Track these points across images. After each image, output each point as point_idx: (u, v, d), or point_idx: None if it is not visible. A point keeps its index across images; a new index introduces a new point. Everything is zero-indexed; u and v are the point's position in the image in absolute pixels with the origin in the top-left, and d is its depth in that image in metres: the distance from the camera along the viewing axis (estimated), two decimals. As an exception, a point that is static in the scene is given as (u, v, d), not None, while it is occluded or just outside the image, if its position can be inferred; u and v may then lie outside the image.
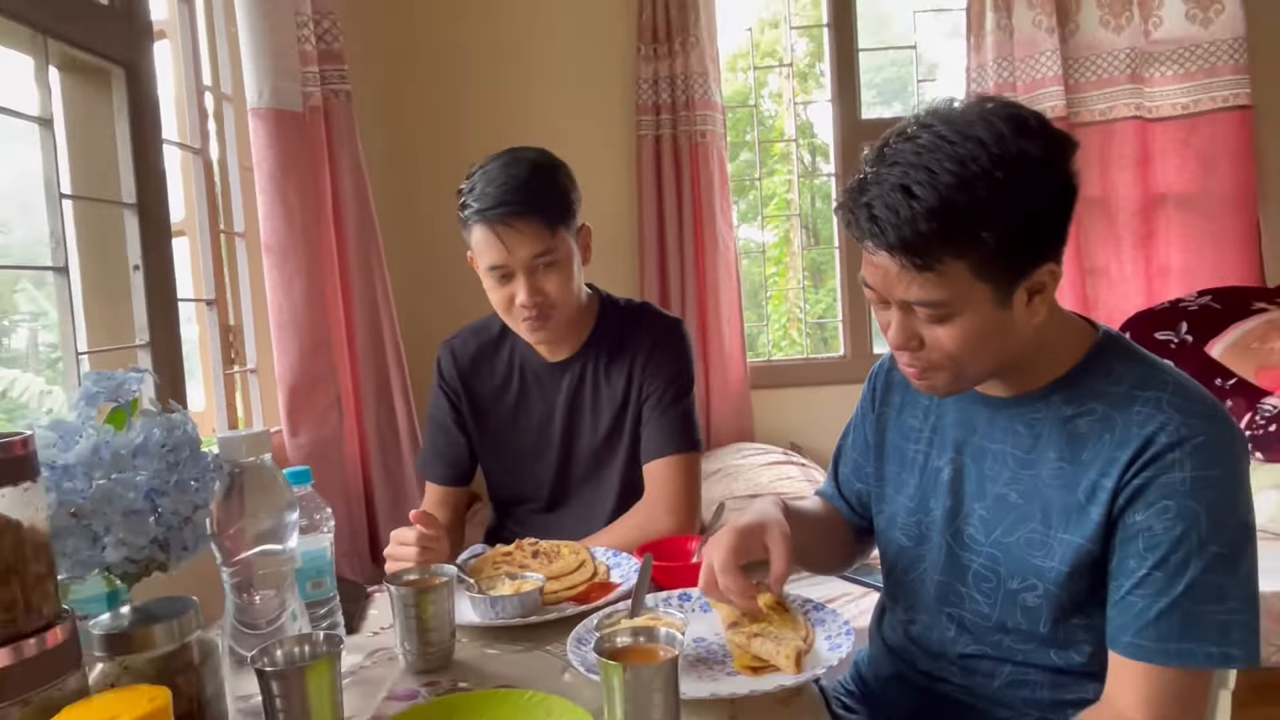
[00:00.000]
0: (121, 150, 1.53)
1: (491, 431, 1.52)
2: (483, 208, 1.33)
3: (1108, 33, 2.88)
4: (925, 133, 0.83)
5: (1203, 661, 0.83)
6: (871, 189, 0.84)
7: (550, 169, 1.39)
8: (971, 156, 0.80)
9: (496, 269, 1.36)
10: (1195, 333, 2.38)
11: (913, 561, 1.05)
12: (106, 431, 0.88)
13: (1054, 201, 0.84)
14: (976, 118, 0.82)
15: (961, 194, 0.79)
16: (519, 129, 2.94)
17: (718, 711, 0.86)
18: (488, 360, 1.51)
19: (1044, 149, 0.82)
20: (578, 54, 2.95)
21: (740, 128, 3.22)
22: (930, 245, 0.81)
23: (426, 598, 0.98)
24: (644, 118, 2.87)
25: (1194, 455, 0.84)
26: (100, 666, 0.78)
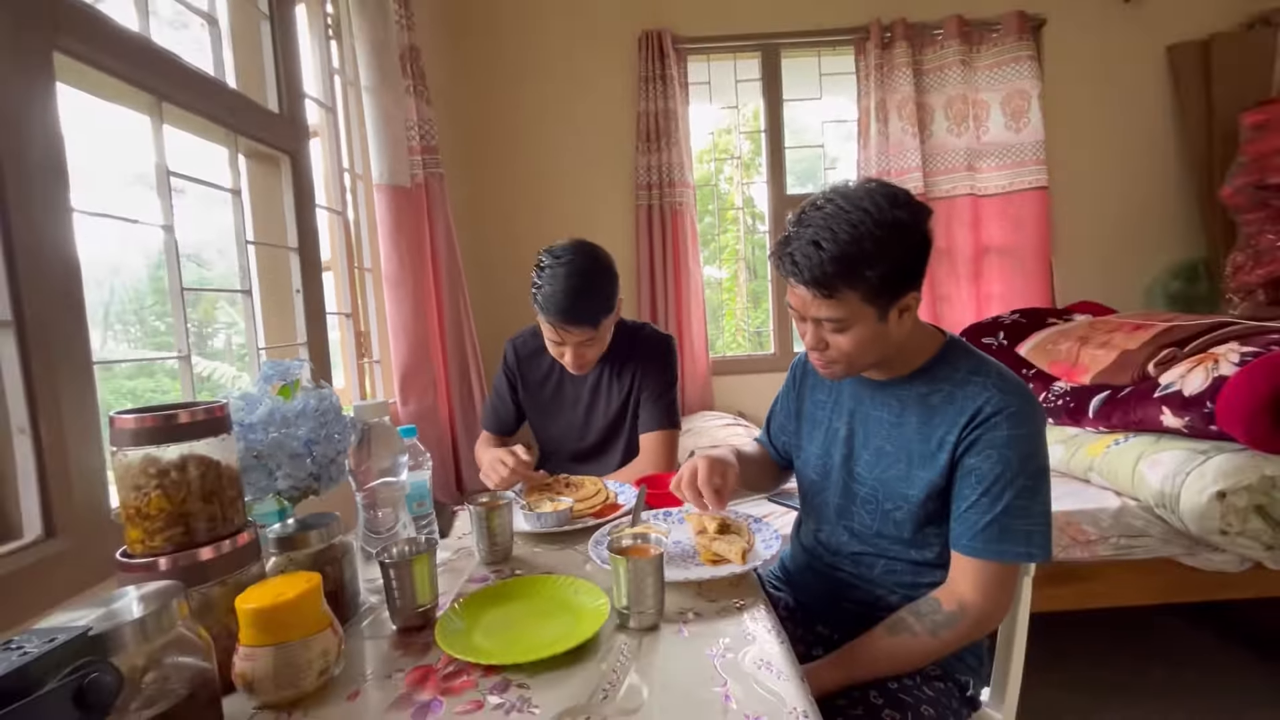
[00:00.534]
0: (287, 212, 1.52)
1: (539, 407, 1.51)
2: (547, 311, 1.24)
3: (952, 137, 2.87)
4: (829, 204, 0.83)
5: (1013, 558, 0.84)
6: (794, 242, 0.84)
7: (599, 282, 1.26)
8: (860, 221, 0.80)
9: (553, 341, 1.32)
10: (1009, 338, 2.38)
11: (820, 490, 1.05)
12: (278, 401, 0.87)
13: (916, 250, 0.83)
14: (864, 194, 0.82)
15: (854, 247, 0.80)
16: (557, 201, 2.94)
17: (690, 590, 0.86)
18: (538, 357, 1.49)
19: (910, 215, 0.82)
20: (597, 149, 2.94)
21: (705, 201, 3.20)
22: (832, 281, 0.81)
23: (494, 513, 0.98)
24: (640, 192, 2.86)
25: (1009, 419, 0.84)
26: (273, 559, 0.80)
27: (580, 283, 1.24)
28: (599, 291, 1.27)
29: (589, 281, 1.25)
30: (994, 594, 0.85)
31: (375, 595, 0.89)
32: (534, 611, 0.81)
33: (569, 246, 1.29)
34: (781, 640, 0.73)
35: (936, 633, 0.86)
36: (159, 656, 0.55)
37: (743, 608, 0.81)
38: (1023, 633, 0.96)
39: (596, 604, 0.79)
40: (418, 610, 0.79)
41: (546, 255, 1.28)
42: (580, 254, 1.27)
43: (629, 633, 0.76)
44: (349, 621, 0.83)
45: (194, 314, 2.15)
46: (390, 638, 0.78)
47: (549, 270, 1.25)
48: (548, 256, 1.28)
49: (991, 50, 2.83)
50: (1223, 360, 1.63)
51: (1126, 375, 1.88)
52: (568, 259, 1.25)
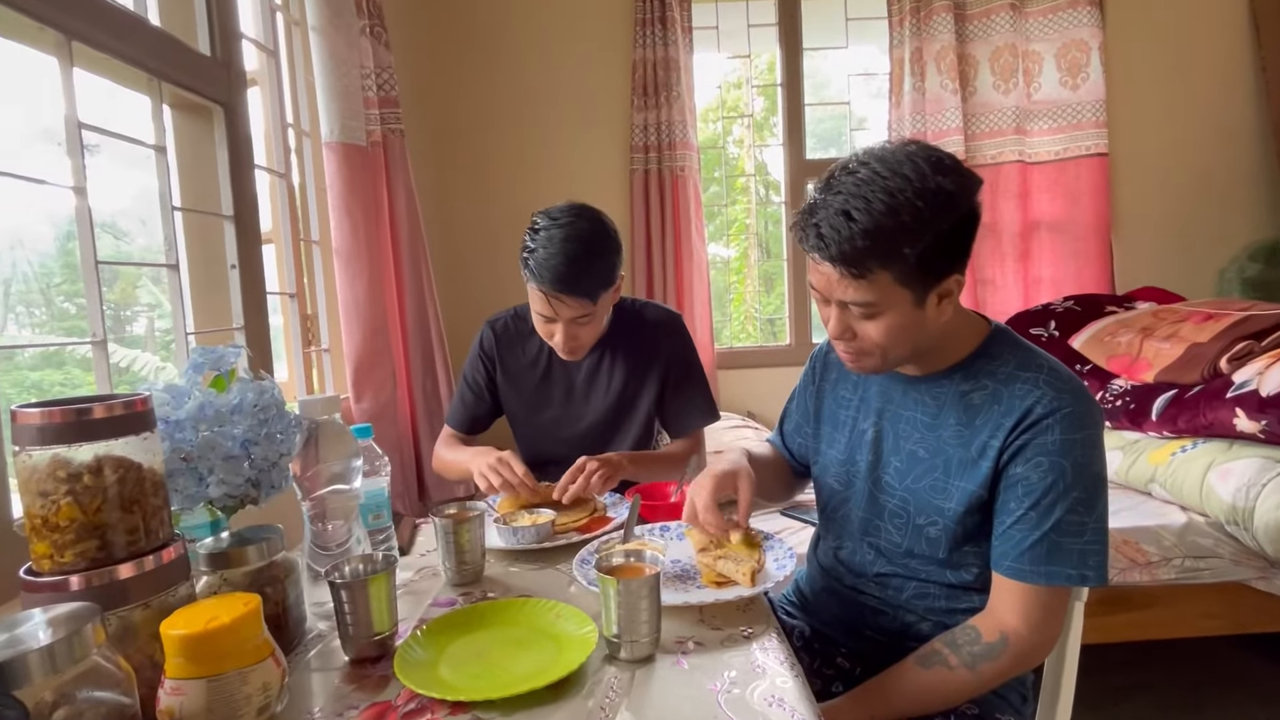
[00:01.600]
0: (221, 173, 1.51)
1: (521, 399, 1.50)
2: (539, 278, 1.24)
3: (998, 95, 2.87)
4: (863, 168, 0.82)
5: (1064, 581, 0.84)
6: (820, 212, 0.83)
7: (600, 249, 1.26)
8: (899, 189, 0.79)
9: (542, 316, 1.31)
10: (1061, 329, 2.40)
11: (842, 501, 1.05)
12: (210, 394, 0.87)
13: (961, 226, 0.83)
14: (905, 157, 0.82)
15: (890, 219, 0.79)
16: (539, 165, 2.93)
17: (690, 615, 0.87)
18: (522, 342, 1.48)
19: (956, 184, 0.81)
20: (586, 105, 2.92)
21: (710, 167, 3.20)
22: (863, 258, 0.81)
23: (463, 527, 0.99)
24: (636, 155, 2.85)
25: (1062, 422, 0.84)
26: (205, 579, 0.79)
27: (579, 249, 1.23)
28: (600, 260, 1.26)
29: (590, 248, 1.24)
30: (1041, 622, 0.86)
31: (324, 621, 0.89)
32: (509, 640, 0.81)
33: (569, 209, 1.28)
34: (796, 674, 0.73)
35: (975, 666, 0.87)
36: (71, 690, 0.55)
37: (751, 636, 0.81)
38: (1073, 667, 0.97)
39: (582, 632, 0.79)
40: (374, 638, 0.79)
41: (542, 217, 1.28)
42: (582, 217, 1.27)
43: (620, 665, 0.76)
44: (294, 651, 0.83)
45: (111, 294, 2.13)
46: (342, 670, 0.78)
47: (544, 233, 1.25)
48: (543, 218, 1.27)
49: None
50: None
51: (1195, 372, 1.90)
52: (566, 221, 1.25)
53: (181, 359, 1.38)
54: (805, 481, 1.22)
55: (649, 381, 1.45)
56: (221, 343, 1.46)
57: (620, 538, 1.04)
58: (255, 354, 1.55)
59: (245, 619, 0.66)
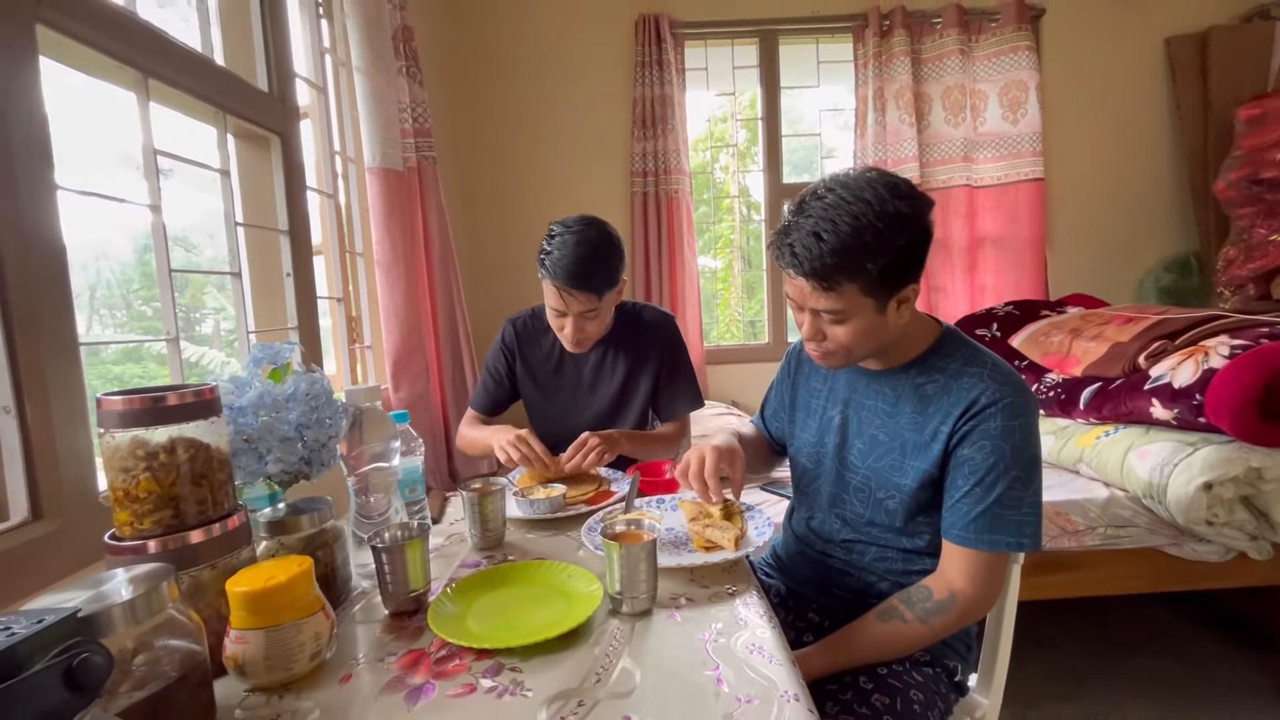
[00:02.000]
0: (278, 194, 1.50)
1: (538, 388, 1.49)
2: (554, 275, 1.24)
3: (949, 128, 2.87)
4: (830, 194, 0.82)
5: (1004, 547, 0.84)
6: (793, 233, 0.83)
7: (606, 253, 1.27)
8: (861, 213, 0.79)
9: (555, 310, 1.31)
10: (1002, 330, 2.40)
11: (813, 478, 1.05)
12: (268, 384, 0.86)
13: (917, 242, 0.83)
14: (865, 184, 0.82)
15: (854, 239, 0.79)
16: (551, 187, 2.92)
17: (682, 576, 0.87)
18: (538, 338, 1.48)
19: (911, 207, 0.81)
20: (593, 136, 2.91)
21: (700, 190, 3.19)
22: (832, 273, 0.81)
23: (487, 499, 0.98)
24: (636, 179, 2.84)
25: (1003, 411, 0.84)
26: (264, 544, 0.79)
27: (589, 251, 1.25)
28: (606, 262, 1.28)
29: (598, 251, 1.26)
30: (984, 582, 0.86)
31: (367, 580, 0.89)
32: (527, 597, 0.81)
33: (581, 219, 1.30)
34: (773, 625, 0.74)
35: (927, 620, 0.87)
36: (149, 639, 0.55)
37: (735, 593, 0.81)
38: (1010, 620, 0.98)
39: (589, 589, 0.80)
40: (410, 595, 0.79)
41: (558, 225, 1.30)
42: (592, 226, 1.29)
43: (622, 618, 0.76)
44: (341, 606, 0.83)
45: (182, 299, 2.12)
46: (382, 622, 0.78)
47: (559, 237, 1.27)
48: (559, 225, 1.30)
49: (990, 40, 2.82)
50: (1213, 353, 1.65)
51: (1118, 367, 1.90)
52: (579, 229, 1.27)
53: (243, 354, 1.38)
54: (782, 459, 1.23)
55: (646, 374, 1.45)
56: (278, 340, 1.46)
57: (622, 509, 1.04)
58: (307, 350, 1.55)
59: (299, 578, 0.66)
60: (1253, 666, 1.76)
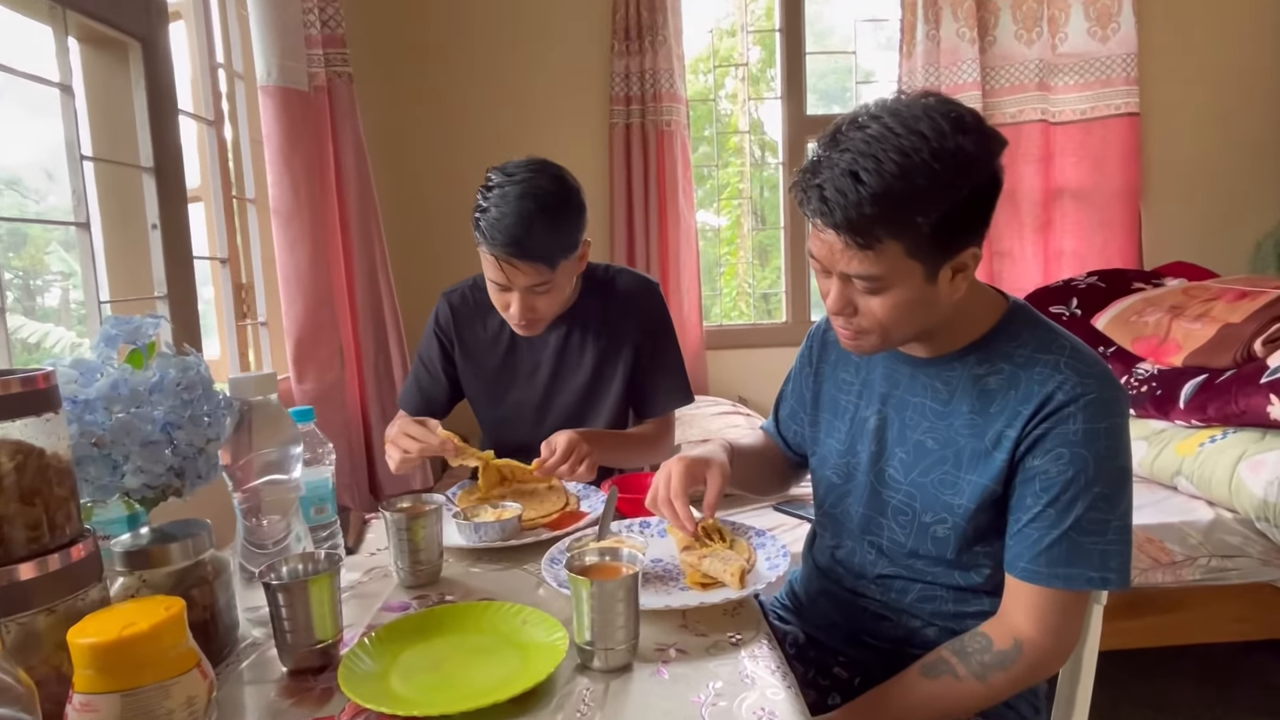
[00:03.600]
0: (139, 119, 1.46)
1: (483, 380, 1.48)
2: (491, 240, 1.22)
3: (1020, 45, 2.88)
4: (875, 123, 0.81)
5: (1084, 585, 0.85)
6: (824, 172, 0.81)
7: (560, 209, 1.25)
8: (914, 149, 0.78)
9: (496, 284, 1.29)
10: (1084, 307, 2.43)
11: (841, 496, 1.05)
12: (125, 370, 0.84)
13: (981, 192, 0.82)
14: (921, 112, 0.80)
15: (903, 183, 0.78)
16: (504, 115, 2.89)
17: (672, 621, 0.87)
18: (482, 315, 1.47)
19: (977, 145, 0.80)
20: (559, 48, 2.88)
21: (700, 124, 3.18)
22: (871, 227, 0.80)
23: (418, 523, 0.98)
24: (616, 108, 2.82)
25: (1085, 410, 0.84)
26: (121, 580, 0.77)
27: (537, 208, 1.22)
28: (561, 222, 1.25)
29: (548, 208, 1.23)
30: (1058, 629, 0.87)
31: (260, 628, 0.88)
32: (469, 648, 0.80)
33: (527, 164, 1.27)
34: (789, 685, 0.74)
35: (985, 676, 0.88)
36: (-39, 706, 0.53)
37: (739, 643, 0.81)
38: (1089, 676, 0.99)
39: (551, 638, 0.79)
40: (315, 647, 0.78)
41: (496, 173, 1.27)
42: (540, 174, 1.26)
43: (593, 675, 0.76)
44: (224, 661, 0.82)
45: (17, 260, 2.07)
46: (279, 682, 0.78)
47: (498, 190, 1.24)
48: (497, 174, 1.26)
49: (1075, -68, 2.83)
50: (1347, 338, 1.68)
51: (1228, 355, 1.93)
52: (523, 178, 1.24)
53: (94, 330, 1.35)
54: (802, 473, 1.23)
55: (622, 358, 1.44)
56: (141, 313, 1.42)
57: (595, 534, 1.04)
58: (180, 327, 1.52)
59: (166, 625, 0.64)
60: (1386, 731, 1.82)
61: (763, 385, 2.98)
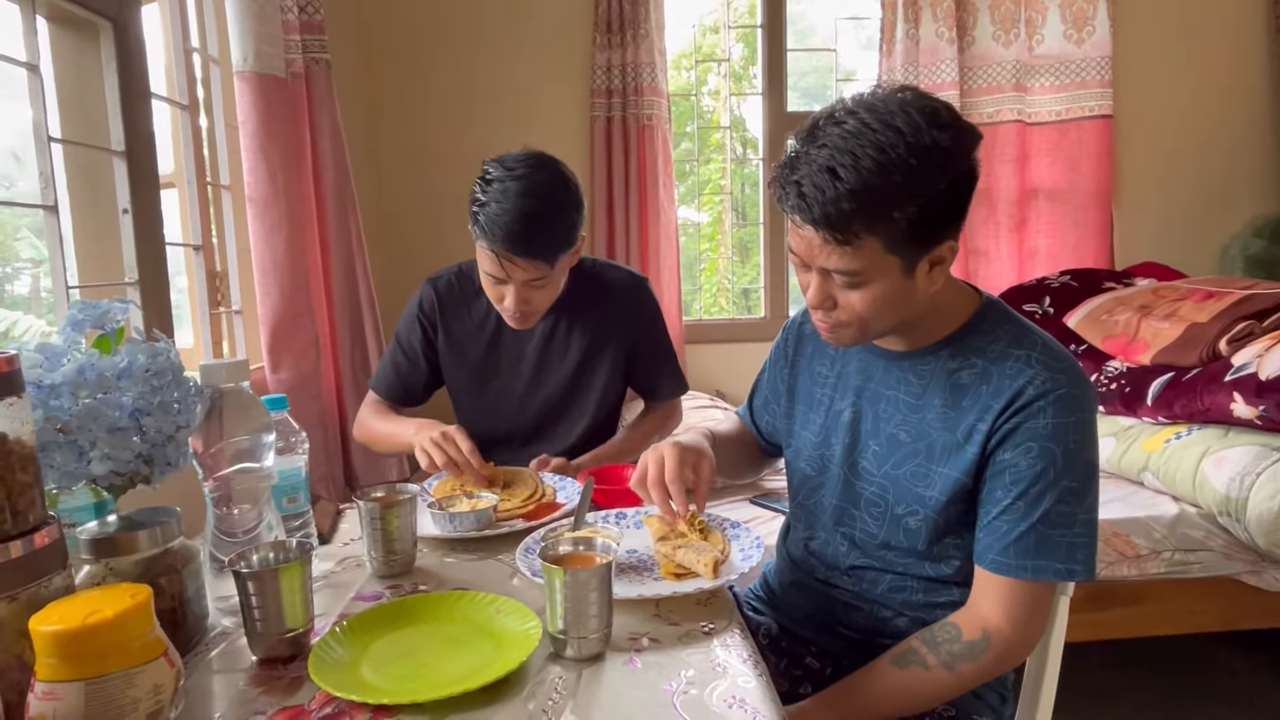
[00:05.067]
0: (110, 101, 1.44)
1: (467, 371, 1.47)
2: (490, 238, 1.22)
3: (998, 46, 2.90)
4: (851, 119, 0.81)
5: (1051, 576, 0.87)
6: (801, 168, 0.82)
7: (561, 206, 1.25)
8: (890, 144, 0.79)
9: (492, 277, 1.28)
10: (1056, 306, 2.46)
11: (814, 488, 1.06)
12: (92, 355, 0.83)
13: (958, 186, 0.83)
14: (897, 108, 0.81)
15: (880, 179, 0.79)
16: (483, 105, 2.86)
17: (645, 610, 0.87)
18: (467, 303, 1.46)
19: (953, 140, 0.81)
20: (540, 39, 2.87)
21: (682, 120, 3.18)
22: (849, 222, 0.80)
23: (391, 512, 0.97)
24: (597, 101, 2.81)
25: (1054, 405, 0.86)
26: (87, 568, 0.76)
27: (537, 205, 1.22)
28: (560, 218, 1.25)
29: (549, 204, 1.23)
30: (1025, 619, 0.88)
31: (230, 617, 0.87)
32: (442, 637, 0.80)
33: (526, 158, 1.26)
34: (760, 673, 0.74)
35: (953, 665, 0.89)
36: (-82, 694, 0.52)
37: (712, 632, 0.82)
38: (1055, 666, 1.01)
39: (524, 627, 0.79)
40: (286, 635, 0.77)
41: (495, 166, 1.26)
42: (541, 168, 1.25)
43: (565, 663, 0.76)
44: (192, 650, 0.81)
45: (-18, 243, 2.03)
46: (248, 671, 0.77)
47: (497, 184, 1.23)
48: (497, 168, 1.25)
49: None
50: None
51: (1194, 354, 1.96)
52: (523, 173, 1.23)
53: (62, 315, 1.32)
54: (772, 460, 1.24)
55: (609, 352, 1.44)
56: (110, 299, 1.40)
57: (570, 525, 1.04)
58: (152, 314, 1.50)
59: (131, 613, 0.63)
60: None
61: (742, 379, 2.99)
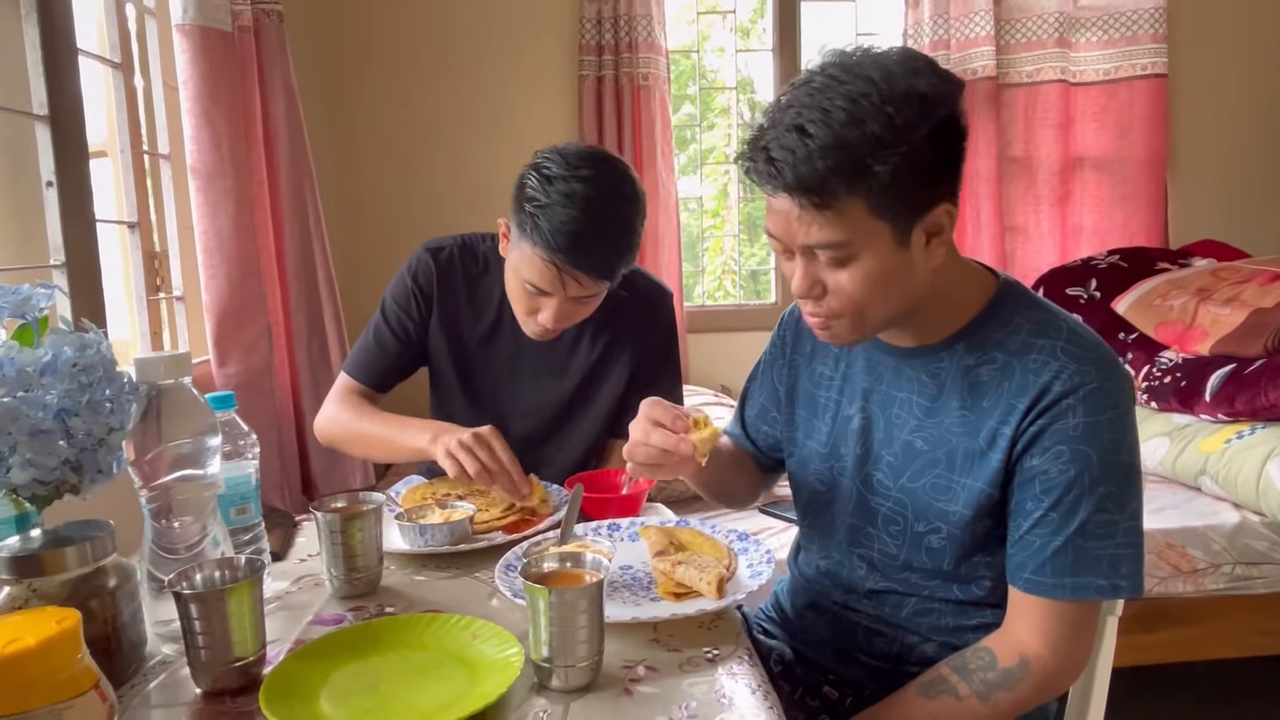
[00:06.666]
0: (30, 59, 1.42)
1: (453, 357, 1.43)
2: (552, 244, 1.17)
3: (1039, -4, 2.90)
4: (819, 76, 0.83)
5: (1094, 594, 0.87)
6: (768, 134, 0.83)
7: (632, 218, 1.23)
8: (862, 93, 0.80)
9: (535, 288, 1.24)
10: (1103, 289, 2.46)
11: (825, 505, 1.06)
12: (12, 348, 0.82)
13: (942, 134, 0.83)
14: (869, 60, 0.83)
15: (853, 129, 0.79)
16: (457, 63, 2.85)
17: (641, 635, 0.87)
18: (469, 284, 1.42)
19: (931, 85, 0.82)
20: (521, -11, 2.86)
21: (682, 82, 3.17)
22: (827, 182, 0.81)
23: (353, 524, 0.97)
24: (587, 58, 2.80)
25: (1085, 401, 0.85)
26: (7, 590, 0.75)
27: (612, 215, 1.19)
28: (631, 231, 1.23)
29: (623, 215, 1.21)
30: (1067, 644, 0.88)
31: (171, 644, 0.87)
32: (411, 667, 0.80)
33: (590, 156, 1.22)
34: (770, 705, 0.74)
35: (988, 696, 0.89)
36: None
37: (716, 659, 0.82)
38: (1102, 694, 1.01)
39: (504, 654, 0.79)
40: (234, 665, 0.77)
41: (555, 160, 1.20)
42: (611, 170, 1.23)
43: (551, 695, 0.76)
44: (129, 681, 0.80)
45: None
46: (192, 705, 0.77)
47: (560, 183, 1.18)
48: (557, 162, 1.20)
49: None
50: (1386, 325, 1.72)
51: (1258, 343, 1.96)
52: (590, 175, 1.19)
53: (-21, 305, 1.31)
54: (775, 478, 1.24)
55: (618, 367, 1.42)
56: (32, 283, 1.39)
57: (556, 538, 1.04)
58: (80, 301, 1.49)
59: (58, 640, 0.63)
60: None
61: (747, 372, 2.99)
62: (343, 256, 2.44)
